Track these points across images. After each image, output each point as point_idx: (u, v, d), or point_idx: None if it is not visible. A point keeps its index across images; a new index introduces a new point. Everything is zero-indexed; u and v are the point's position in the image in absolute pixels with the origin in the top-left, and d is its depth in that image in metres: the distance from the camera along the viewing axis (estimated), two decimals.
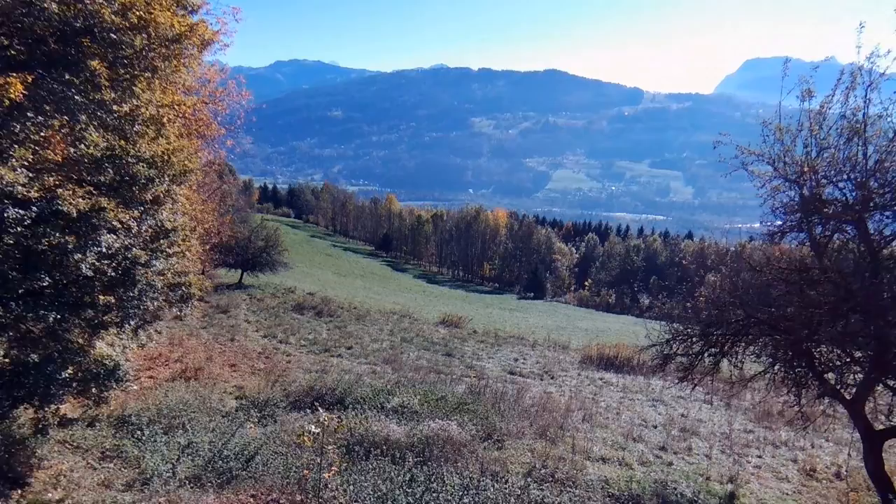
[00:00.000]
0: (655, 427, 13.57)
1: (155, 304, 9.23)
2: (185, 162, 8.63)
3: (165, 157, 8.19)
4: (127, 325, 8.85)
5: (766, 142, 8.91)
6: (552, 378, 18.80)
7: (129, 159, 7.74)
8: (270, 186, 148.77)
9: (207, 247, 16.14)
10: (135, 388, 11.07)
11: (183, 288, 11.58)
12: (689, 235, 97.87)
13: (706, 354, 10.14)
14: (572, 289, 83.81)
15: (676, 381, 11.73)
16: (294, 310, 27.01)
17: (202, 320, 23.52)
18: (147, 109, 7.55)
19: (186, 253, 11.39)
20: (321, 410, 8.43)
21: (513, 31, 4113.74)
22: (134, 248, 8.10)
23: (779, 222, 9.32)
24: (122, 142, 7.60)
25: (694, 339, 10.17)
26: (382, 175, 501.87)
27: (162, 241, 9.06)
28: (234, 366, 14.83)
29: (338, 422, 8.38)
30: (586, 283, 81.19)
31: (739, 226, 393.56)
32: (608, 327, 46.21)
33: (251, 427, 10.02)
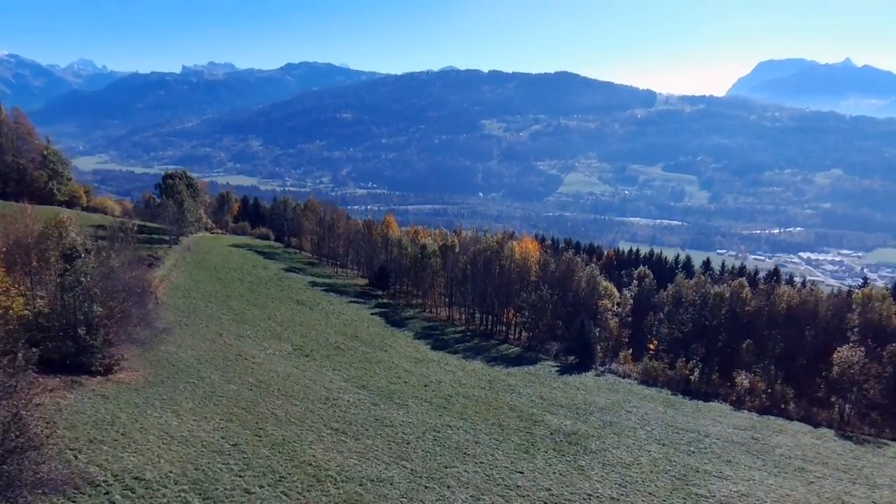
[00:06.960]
0: None
1: None
2: None
3: None
4: None
5: None
6: None
7: None
8: (252, 200, 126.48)
9: None
10: None
11: None
12: (776, 273, 75.49)
13: None
14: (628, 349, 61.53)
15: None
16: None
17: None
18: None
19: None
20: None
21: (524, 34, 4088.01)
22: None
23: None
24: None
25: None
26: (391, 178, 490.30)
27: None
28: None
29: None
30: (651, 347, 59.43)
31: (758, 232, 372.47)
32: None
33: None
